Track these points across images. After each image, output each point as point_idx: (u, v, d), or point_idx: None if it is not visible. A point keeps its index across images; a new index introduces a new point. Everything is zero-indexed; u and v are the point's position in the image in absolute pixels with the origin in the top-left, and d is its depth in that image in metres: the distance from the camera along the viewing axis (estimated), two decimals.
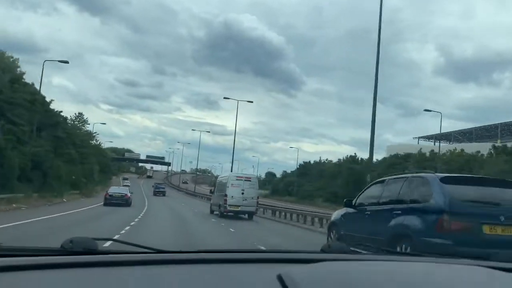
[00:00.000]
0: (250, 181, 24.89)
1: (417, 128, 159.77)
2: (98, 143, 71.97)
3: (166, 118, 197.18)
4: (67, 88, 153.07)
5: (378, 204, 7.70)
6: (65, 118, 45.87)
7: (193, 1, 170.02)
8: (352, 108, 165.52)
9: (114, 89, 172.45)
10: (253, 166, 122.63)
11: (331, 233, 9.19)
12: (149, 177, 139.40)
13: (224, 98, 41.51)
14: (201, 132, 69.26)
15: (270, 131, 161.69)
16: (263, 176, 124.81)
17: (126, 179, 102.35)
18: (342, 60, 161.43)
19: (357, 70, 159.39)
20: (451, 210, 6.12)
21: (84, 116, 63.73)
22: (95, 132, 65.94)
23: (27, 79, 36.41)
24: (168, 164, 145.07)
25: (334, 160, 74.28)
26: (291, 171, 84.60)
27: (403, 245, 6.36)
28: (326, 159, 75.15)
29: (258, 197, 25.16)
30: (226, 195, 23.88)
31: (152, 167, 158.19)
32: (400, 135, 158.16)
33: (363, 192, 8.72)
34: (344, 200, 9.28)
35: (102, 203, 27.82)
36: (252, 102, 44.42)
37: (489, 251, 2.62)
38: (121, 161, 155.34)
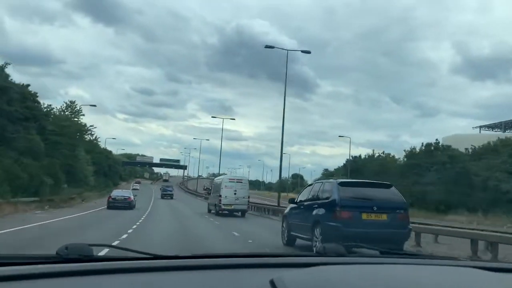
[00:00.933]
0: (241, 182, 29.26)
1: (435, 128, 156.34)
2: (94, 137, 56.55)
3: (182, 125, 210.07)
4: (83, 98, 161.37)
5: (308, 200, 11.62)
6: (34, 95, 30.54)
7: (205, 8, 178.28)
8: (367, 110, 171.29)
9: (130, 98, 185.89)
10: (271, 170, 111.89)
11: (283, 223, 13.16)
12: (166, 181, 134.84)
13: (266, 46, 32.91)
14: (224, 120, 63.37)
15: (285, 135, 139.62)
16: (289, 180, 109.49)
17: (138, 183, 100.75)
18: (355, 61, 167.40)
19: (371, 71, 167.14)
20: (341, 204, 9.78)
21: (77, 105, 48.12)
22: (91, 125, 50.95)
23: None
24: (184, 167, 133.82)
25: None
26: (335, 169, 72.00)
27: (318, 228, 10.20)
28: (383, 152, 65.08)
29: (249, 197, 29.80)
30: (220, 196, 27.82)
31: (167, 172, 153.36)
32: (417, 136, 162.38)
33: (301, 192, 12.93)
34: (289, 198, 14.08)
35: (69, 216, 21.55)
36: (310, 52, 33.99)
37: (367, 231, 8.87)
38: (133, 166, 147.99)
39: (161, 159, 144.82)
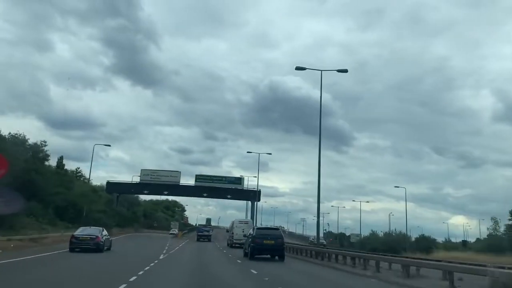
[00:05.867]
0: (247, 224, 43.46)
1: (482, 179, 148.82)
2: None
3: None
4: (123, 160, 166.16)
5: (249, 234, 28.71)
6: None
7: (238, 68, 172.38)
8: (407, 162, 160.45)
9: (168, 158, 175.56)
10: (328, 224, 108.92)
11: (244, 246, 30.34)
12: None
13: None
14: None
15: (322, 190, 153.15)
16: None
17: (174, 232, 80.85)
18: (392, 113, 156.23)
19: (409, 122, 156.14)
20: (256, 236, 26.10)
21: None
22: None
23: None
24: (258, 195, 75.92)
25: None
26: None
27: (249, 247, 26.15)
28: None
29: None
30: (232, 233, 43.67)
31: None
32: (462, 188, 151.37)
33: (251, 230, 30.45)
34: (244, 234, 38.91)
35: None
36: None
37: (265, 248, 25.43)
38: (130, 194, 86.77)
39: (197, 176, 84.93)
